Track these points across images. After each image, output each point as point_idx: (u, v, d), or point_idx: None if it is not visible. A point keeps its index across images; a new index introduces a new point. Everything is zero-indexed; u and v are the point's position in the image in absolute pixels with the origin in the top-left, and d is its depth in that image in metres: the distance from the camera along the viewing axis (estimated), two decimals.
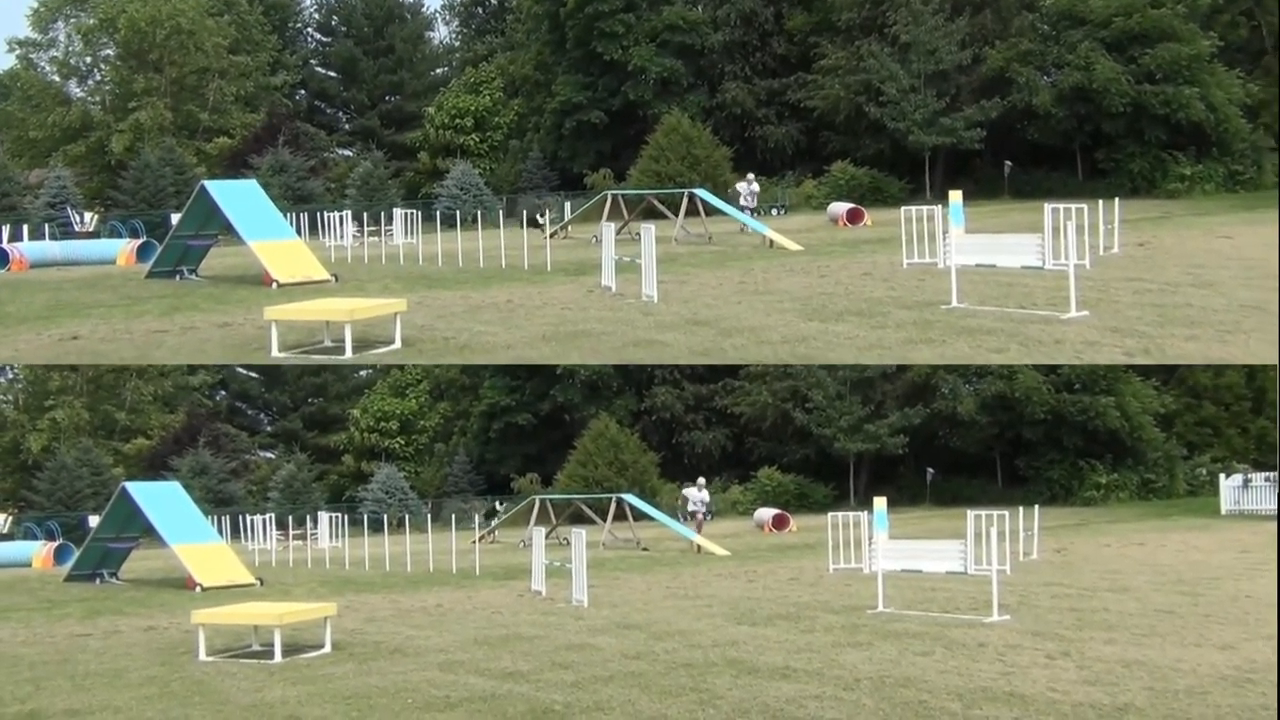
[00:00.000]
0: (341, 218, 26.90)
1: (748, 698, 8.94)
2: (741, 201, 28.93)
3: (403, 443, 48.95)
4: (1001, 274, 14.38)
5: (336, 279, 19.07)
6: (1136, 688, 8.97)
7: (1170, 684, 9.08)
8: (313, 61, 59.75)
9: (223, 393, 54.36)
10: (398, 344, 13.18)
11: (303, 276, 18.81)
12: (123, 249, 28.27)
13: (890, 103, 39.58)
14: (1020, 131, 39.80)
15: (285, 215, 22.93)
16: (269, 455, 52.83)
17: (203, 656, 11.83)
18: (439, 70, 60.17)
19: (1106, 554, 21.08)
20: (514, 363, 12.76)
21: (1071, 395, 37.77)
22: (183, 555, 20.71)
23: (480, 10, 61.01)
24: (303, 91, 58.89)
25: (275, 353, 13.10)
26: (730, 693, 9.14)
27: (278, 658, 11.55)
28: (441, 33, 66.46)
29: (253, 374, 52.77)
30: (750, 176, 30.37)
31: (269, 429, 55.03)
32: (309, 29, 61.27)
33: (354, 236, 26.73)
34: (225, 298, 17.73)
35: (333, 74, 59.20)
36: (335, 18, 59.56)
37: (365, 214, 28.44)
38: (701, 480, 29.56)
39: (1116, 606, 13.49)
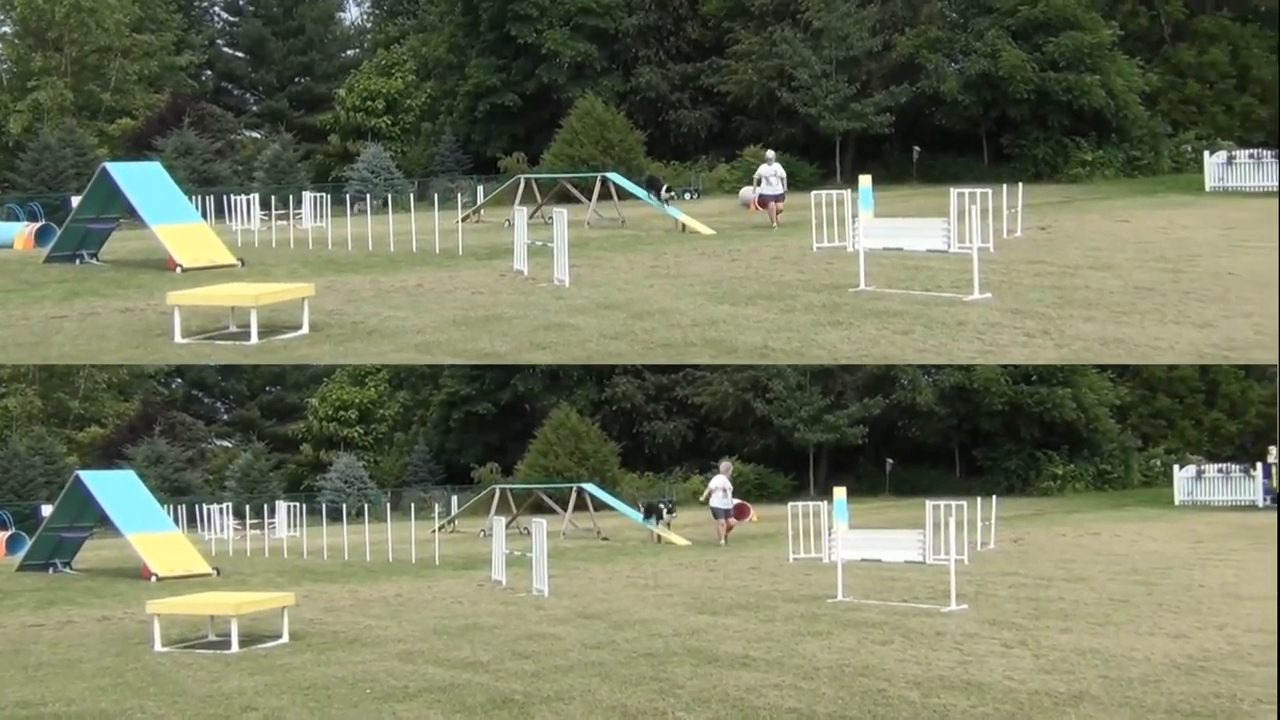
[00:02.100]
0: (249, 201, 26.35)
1: (708, 687, 8.96)
2: (763, 189, 24.61)
3: (362, 432, 48.67)
4: (908, 257, 14.60)
5: (243, 264, 18.70)
6: (1091, 676, 9.06)
7: (1124, 672, 9.18)
8: (219, 41, 58.67)
9: (178, 380, 53.81)
10: (305, 329, 12.94)
11: (208, 261, 18.40)
12: (20, 232, 27.73)
13: (802, 88, 40.05)
14: (928, 117, 40.50)
15: (190, 198, 22.38)
16: (226, 444, 52.42)
17: (158, 647, 11.70)
18: (350, 52, 59.43)
19: (1062, 544, 21.29)
20: (422, 354, 12.57)
21: (1029, 387, 38.17)
22: (138, 544, 20.49)
23: None
24: (209, 72, 57.67)
25: (178, 339, 12.80)
26: (690, 682, 9.15)
27: (234, 648, 11.44)
28: (353, 14, 65.97)
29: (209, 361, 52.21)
30: (770, 155, 25.99)
31: (226, 417, 54.58)
32: (216, 8, 60.14)
33: (261, 220, 26.14)
34: (127, 283, 17.36)
35: (240, 54, 58.10)
36: None
37: (273, 197, 27.92)
38: (727, 464, 25.76)
39: (1072, 596, 13.63)
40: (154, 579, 19.37)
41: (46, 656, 11.62)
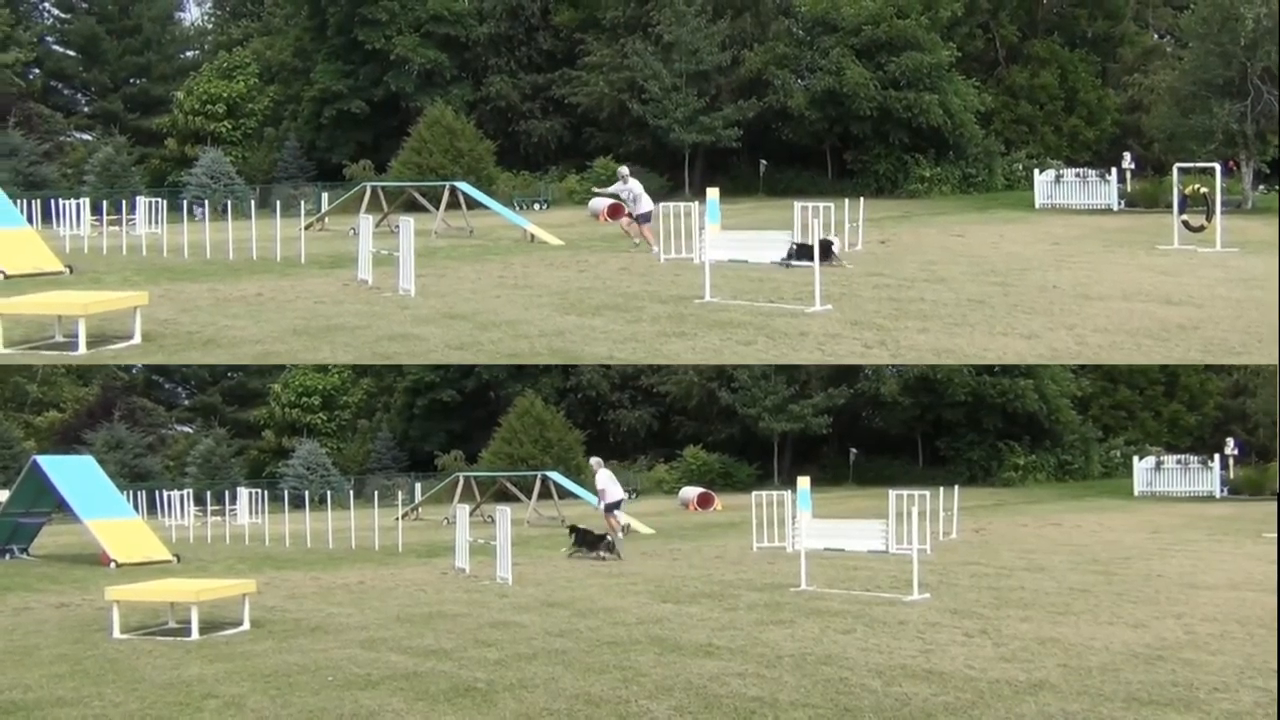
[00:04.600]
0: (78, 205, 25.72)
1: (671, 675, 8.97)
2: (640, 207, 20.52)
3: (325, 418, 48.41)
4: (753, 269, 14.85)
5: (71, 271, 18.13)
6: (1051, 665, 9.14)
7: (1084, 661, 9.27)
8: (49, 39, 56.92)
9: (138, 366, 53.34)
10: (137, 339, 12.68)
11: (33, 268, 17.70)
12: None
13: (653, 100, 40.37)
14: (775, 131, 41.14)
15: (15, 202, 21.67)
16: (187, 429, 51.97)
17: (117, 634, 11.59)
18: (190, 53, 58.26)
19: (1023, 534, 21.49)
20: (260, 360, 12.50)
21: (991, 378, 38.45)
22: (97, 531, 20.29)
23: None
24: (37, 70, 55.67)
25: None
26: (654, 670, 9.16)
27: (195, 635, 11.36)
28: (193, 14, 64.49)
29: None
30: (624, 170, 21.58)
31: (187, 403, 54.09)
32: (46, 4, 58.23)
33: (92, 225, 25.44)
34: None
35: (72, 53, 56.35)
36: None
37: (105, 202, 27.30)
38: (598, 459, 23.97)
39: (1033, 585, 13.76)
40: (113, 565, 19.19)
41: (3, 643, 11.49)
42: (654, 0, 41.05)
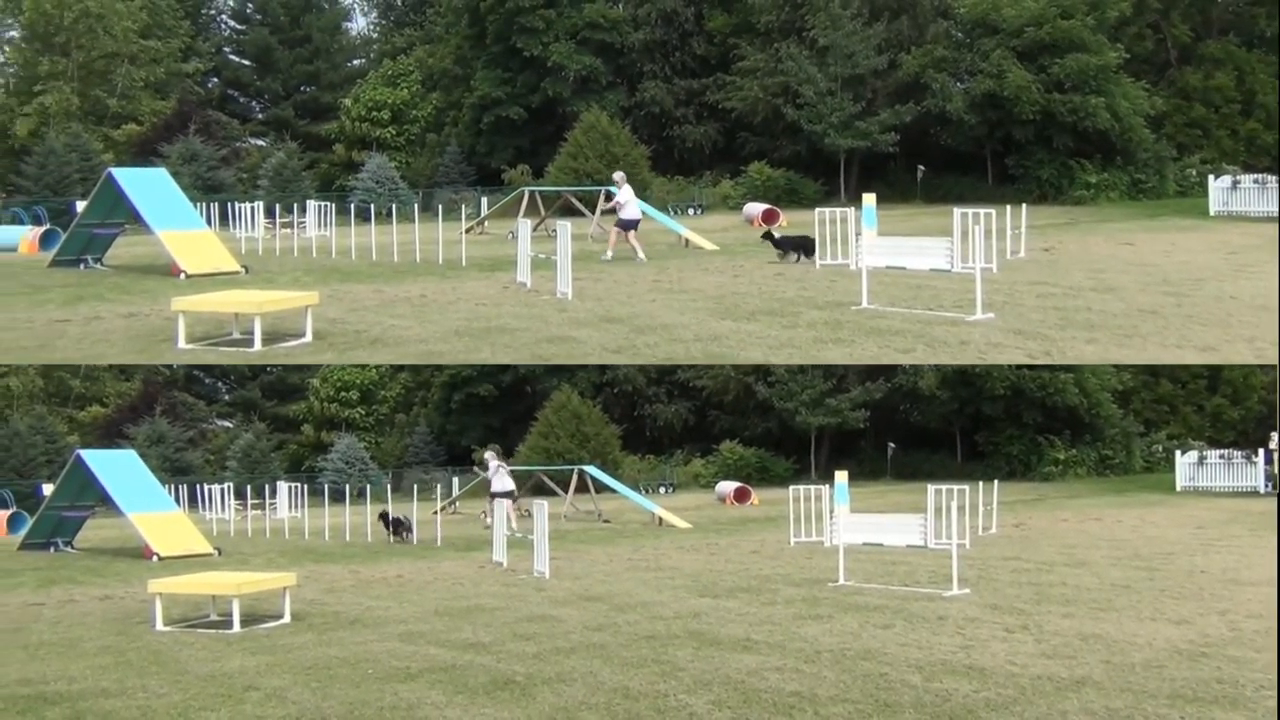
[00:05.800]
0: (253, 209, 26.33)
1: (709, 669, 8.96)
2: (627, 214, 20.45)
3: (363, 413, 48.68)
4: (911, 276, 14.64)
5: (247, 271, 18.72)
6: (1093, 661, 9.06)
7: (1126, 657, 9.18)
8: (226, 49, 58.65)
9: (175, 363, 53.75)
10: (308, 337, 13.02)
11: (212, 268, 18.40)
12: (25, 236, 27.81)
13: (807, 105, 40.00)
14: (933, 136, 40.56)
15: (195, 205, 22.32)
16: (227, 424, 52.38)
17: (159, 626, 11.71)
18: (356, 62, 59.54)
19: (1064, 529, 21.30)
20: (424, 361, 12.68)
21: (1031, 371, 38.12)
22: (139, 524, 20.51)
23: (399, 3, 60.42)
24: (215, 79, 57.59)
25: (181, 344, 12.84)
26: (692, 664, 9.15)
27: (236, 628, 11.46)
28: (359, 24, 65.74)
29: None
30: (619, 176, 21.56)
31: (227, 398, 54.50)
32: (223, 16, 60.17)
33: (265, 228, 26.18)
34: (131, 288, 17.36)
35: (247, 62, 58.01)
36: (250, 5, 58.28)
37: (278, 205, 27.75)
38: (490, 453, 23.92)
39: (1074, 581, 13.64)
40: (155, 558, 19.39)
41: (48, 635, 11.64)
42: (809, 4, 40.77)
